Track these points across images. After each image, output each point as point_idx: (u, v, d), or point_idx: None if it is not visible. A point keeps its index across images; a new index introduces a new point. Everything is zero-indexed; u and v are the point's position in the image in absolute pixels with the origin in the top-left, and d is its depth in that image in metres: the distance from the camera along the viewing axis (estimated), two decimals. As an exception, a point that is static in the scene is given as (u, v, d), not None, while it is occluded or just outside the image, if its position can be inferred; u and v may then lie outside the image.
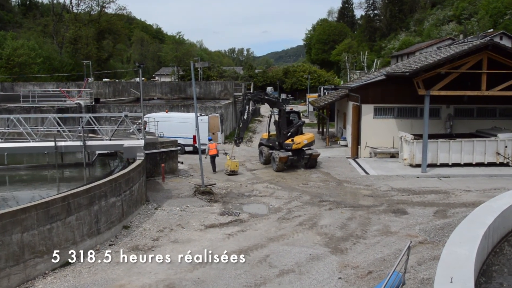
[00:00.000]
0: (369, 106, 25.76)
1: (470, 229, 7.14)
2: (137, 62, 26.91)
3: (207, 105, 35.57)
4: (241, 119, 22.11)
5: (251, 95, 22.49)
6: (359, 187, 19.43)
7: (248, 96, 22.39)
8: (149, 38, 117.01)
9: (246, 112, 21.96)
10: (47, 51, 64.10)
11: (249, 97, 22.35)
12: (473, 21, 68.28)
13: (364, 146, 25.94)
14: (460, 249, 6.35)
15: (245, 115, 21.97)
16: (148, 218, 14.73)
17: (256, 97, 22.67)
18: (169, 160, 21.09)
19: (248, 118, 22.07)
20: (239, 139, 22.27)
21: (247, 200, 17.40)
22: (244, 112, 22.01)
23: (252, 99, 22.54)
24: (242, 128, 22.13)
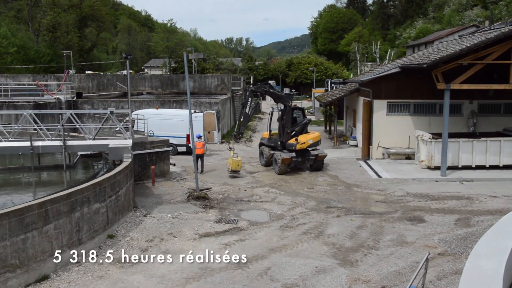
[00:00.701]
0: (381, 102, 25.73)
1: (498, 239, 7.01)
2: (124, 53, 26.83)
3: (202, 100, 35.54)
4: (242, 113, 22.12)
5: (255, 87, 22.57)
6: (370, 191, 19.39)
7: (251, 87, 22.43)
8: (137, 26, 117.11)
9: (249, 105, 21.98)
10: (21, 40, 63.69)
11: (253, 89, 22.41)
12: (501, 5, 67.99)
13: (376, 147, 25.90)
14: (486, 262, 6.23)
15: (247, 108, 22.02)
16: (136, 226, 14.68)
17: (261, 89, 22.70)
18: (159, 161, 21.07)
19: (250, 111, 22.15)
20: (239, 134, 22.26)
21: (246, 206, 17.36)
22: (246, 105, 22.05)
23: (256, 91, 22.57)
24: (243, 122, 22.19)
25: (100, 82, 43.45)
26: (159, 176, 21.00)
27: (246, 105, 22.03)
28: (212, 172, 23.37)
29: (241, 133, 22.51)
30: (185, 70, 18.25)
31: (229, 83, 42.35)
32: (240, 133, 22.36)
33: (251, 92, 22.29)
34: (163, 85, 43.13)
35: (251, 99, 22.10)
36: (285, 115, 23.14)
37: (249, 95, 22.17)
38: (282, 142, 23.23)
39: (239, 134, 22.33)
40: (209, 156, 28.10)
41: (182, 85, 42.42)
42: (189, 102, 18.64)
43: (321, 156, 23.21)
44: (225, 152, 29.57)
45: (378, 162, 25.03)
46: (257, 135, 36.52)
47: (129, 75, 27.50)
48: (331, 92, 37.86)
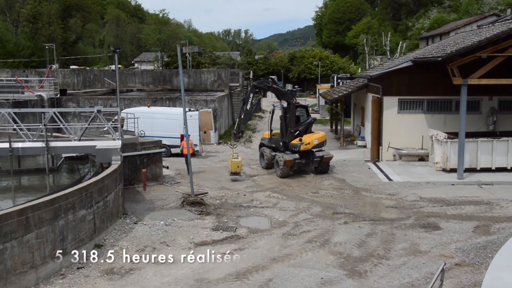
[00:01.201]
0: (392, 99, 25.72)
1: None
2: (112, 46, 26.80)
3: (197, 98, 35.53)
4: (243, 109, 22.10)
5: (257, 82, 22.61)
6: (380, 196, 19.37)
7: (253, 83, 22.45)
8: (126, 17, 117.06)
9: (250, 101, 21.98)
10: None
11: (255, 84, 22.42)
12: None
13: (386, 147, 25.88)
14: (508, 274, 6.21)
15: (249, 105, 22.03)
16: (125, 234, 14.65)
17: (263, 84, 22.71)
18: (151, 164, 21.05)
19: (251, 108, 22.18)
20: (239, 132, 22.23)
21: (246, 212, 17.33)
22: (247, 101, 22.04)
23: (258, 87, 22.56)
24: (243, 119, 22.19)
25: (86, 78, 43.45)
26: (151, 180, 20.97)
27: (247, 101, 22.03)
28: (209, 175, 23.36)
29: (242, 131, 22.50)
30: (179, 64, 18.22)
31: (226, 78, 42.35)
32: (240, 132, 22.35)
33: (252, 88, 22.29)
34: (155, 81, 43.16)
35: (252, 95, 22.10)
36: (288, 113, 23.14)
37: (250, 90, 22.18)
38: (285, 142, 23.22)
39: (239, 132, 22.31)
40: (205, 158, 28.09)
41: (175, 81, 42.44)
42: (183, 100, 18.61)
43: (327, 157, 23.21)
44: (223, 154, 29.56)
45: (388, 164, 25.00)
46: (257, 135, 36.52)
47: (117, 70, 27.44)
48: (337, 89, 37.85)
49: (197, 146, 28.31)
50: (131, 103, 34.59)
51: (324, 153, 23.30)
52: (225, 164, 26.15)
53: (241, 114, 22.27)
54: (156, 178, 21.25)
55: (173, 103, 34.81)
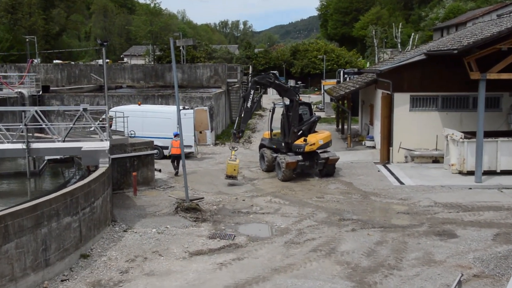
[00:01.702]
0: (404, 95, 25.75)
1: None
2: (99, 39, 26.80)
3: (192, 95, 35.53)
4: (243, 107, 22.11)
5: (258, 78, 22.62)
6: (391, 201, 19.37)
7: (254, 78, 22.43)
8: (114, 7, 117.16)
9: (251, 98, 21.98)
10: (-28, 22, 63.13)
11: (256, 80, 22.43)
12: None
13: (397, 148, 25.89)
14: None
15: (249, 102, 22.04)
16: (114, 243, 14.65)
17: (265, 80, 22.71)
18: (142, 167, 21.07)
19: (252, 106, 22.21)
20: (239, 132, 22.22)
21: (245, 218, 17.34)
22: (247, 98, 22.04)
23: (259, 82, 22.55)
24: (244, 118, 22.21)
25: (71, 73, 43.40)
26: (142, 184, 20.98)
27: (248, 98, 22.03)
28: (205, 179, 23.37)
29: (242, 131, 22.52)
30: (172, 59, 18.23)
31: (224, 74, 42.33)
32: (240, 131, 22.36)
33: (253, 84, 22.29)
34: (146, 77, 43.12)
35: (253, 91, 22.10)
36: (291, 112, 23.14)
37: (251, 87, 22.18)
38: (287, 143, 23.23)
39: (239, 132, 22.30)
40: (200, 161, 28.09)
41: (168, 76, 42.42)
42: (177, 97, 18.62)
43: (333, 159, 23.22)
44: (220, 156, 29.55)
45: (399, 167, 25.01)
46: (257, 135, 36.53)
47: (105, 65, 27.47)
48: (344, 84, 37.87)
49: (192, 148, 28.34)
50: (120, 101, 34.58)
51: (330, 154, 23.31)
52: (222, 166, 26.12)
53: (241, 113, 22.27)
54: (147, 182, 21.25)
55: (166, 101, 34.79)
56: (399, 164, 25.49)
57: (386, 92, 26.53)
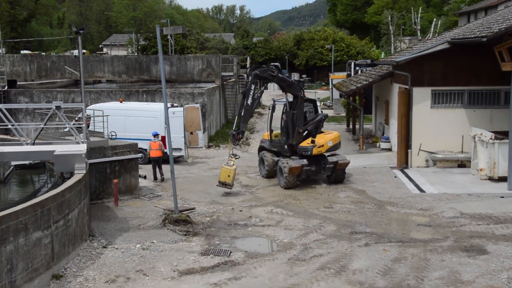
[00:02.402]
0: (424, 90, 25.77)
1: None
2: (75, 26, 26.77)
3: (182, 91, 35.54)
4: (243, 105, 22.00)
5: (259, 71, 22.45)
6: (410, 211, 19.35)
7: (255, 71, 22.30)
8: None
9: (251, 94, 21.90)
10: None
11: (257, 73, 22.29)
12: None
13: (417, 151, 25.88)
14: None
15: (249, 99, 21.94)
16: (92, 261, 14.59)
17: (267, 73, 22.61)
18: (125, 173, 21.04)
19: (253, 103, 22.13)
20: (239, 133, 22.06)
21: (242, 232, 17.30)
22: (248, 94, 21.94)
23: (261, 76, 22.44)
24: (244, 117, 22.10)
25: (42, 65, 43.35)
26: (125, 192, 20.95)
27: (248, 94, 21.93)
28: (196, 186, 23.35)
29: (242, 132, 22.33)
30: (159, 49, 18.20)
31: (218, 67, 42.33)
32: (240, 133, 22.17)
33: (254, 77, 22.18)
34: (128, 70, 43.11)
35: (254, 86, 22.02)
36: (295, 109, 23.09)
37: (251, 81, 22.08)
38: (291, 145, 23.20)
39: (239, 133, 22.12)
40: (191, 165, 28.06)
41: (154, 70, 42.41)
42: (164, 93, 18.57)
43: (342, 163, 23.19)
44: (213, 160, 29.53)
45: (419, 172, 24.99)
46: (256, 136, 36.54)
47: (81, 56, 27.45)
48: (355, 78, 37.88)
49: (182, 151, 28.32)
50: (99, 97, 34.55)
51: (339, 157, 23.28)
52: (216, 172, 26.06)
53: (241, 111, 22.15)
54: (130, 190, 21.21)
55: (152, 97, 34.79)
56: (419, 169, 25.47)
57: (403, 86, 26.51)
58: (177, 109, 28.42)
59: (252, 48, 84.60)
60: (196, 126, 29.77)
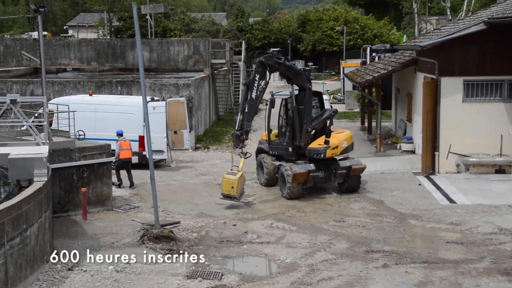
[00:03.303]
0: (455, 81, 25.77)
1: None
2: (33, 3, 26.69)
3: (164, 81, 35.47)
4: (246, 99, 21.78)
5: (265, 57, 22.15)
6: (437, 226, 19.35)
7: (260, 58, 22.06)
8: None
9: (256, 86, 21.75)
10: None
11: (262, 60, 22.01)
12: None
13: (446, 153, 25.85)
14: None
15: (254, 92, 21.73)
16: (55, 287, 14.52)
17: (272, 60, 22.34)
18: (95, 180, 20.99)
19: (258, 96, 21.90)
20: (243, 133, 21.72)
21: (237, 250, 17.28)
22: (252, 85, 21.74)
23: (266, 64, 22.22)
24: (248, 114, 21.79)
25: (-6, 51, 43.29)
26: (95, 203, 20.91)
27: (252, 86, 21.72)
28: (182, 196, 23.36)
29: (246, 132, 21.97)
30: (136, 32, 18.14)
31: (207, 53, 42.34)
32: (244, 133, 21.80)
33: (259, 66, 21.96)
34: (99, 57, 43.08)
35: (258, 76, 21.89)
36: (303, 104, 22.93)
37: (256, 70, 21.85)
38: (298, 146, 23.03)
39: (242, 134, 21.77)
40: (176, 171, 28.03)
41: (131, 56, 42.40)
42: (142, 84, 18.51)
43: (357, 168, 23.12)
44: (202, 164, 29.50)
45: (449, 179, 24.99)
46: (253, 136, 36.51)
47: (42, 40, 27.37)
48: (371, 66, 37.88)
49: (164, 153, 28.22)
50: (64, 89, 34.46)
51: (353, 162, 23.22)
52: (205, 179, 26.07)
53: (244, 106, 21.86)
54: (102, 201, 21.15)
55: (128, 89, 34.70)
56: (449, 175, 25.48)
57: (430, 76, 26.51)
58: (158, 103, 28.34)
59: (248, 31, 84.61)
60: (181, 124, 29.68)
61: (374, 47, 52.62)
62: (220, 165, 29.22)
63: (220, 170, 26.86)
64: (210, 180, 26.03)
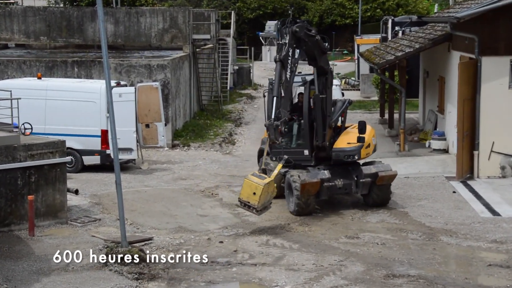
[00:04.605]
0: (500, 61, 25.94)
1: None
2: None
3: (133, 62, 35.42)
4: (281, 79, 21.37)
5: (298, 27, 21.93)
6: (477, 244, 19.38)
7: (294, 28, 21.84)
8: None
9: (290, 63, 21.68)
10: None
11: (296, 30, 21.88)
12: None
13: (487, 153, 25.88)
14: None
15: (288, 72, 21.62)
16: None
17: (303, 32, 22.13)
18: (46, 186, 20.95)
19: (292, 77, 21.81)
20: (281, 123, 21.16)
21: (224, 274, 17.28)
22: (286, 63, 21.68)
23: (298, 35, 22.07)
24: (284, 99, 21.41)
25: None
26: (46, 215, 20.87)
27: (287, 63, 21.72)
28: (155, 205, 23.40)
29: (285, 122, 21.20)
30: None
31: (187, 26, 42.26)
32: (283, 123, 21.28)
33: (292, 37, 21.79)
34: (51, 30, 42.97)
35: (292, 51, 21.84)
36: (326, 93, 22.79)
37: (289, 43, 21.80)
38: (321, 147, 22.78)
39: (279, 125, 21.15)
40: (148, 174, 28.04)
41: (91, 30, 42.30)
42: (105, 65, 18.47)
43: (386, 176, 22.51)
44: (180, 166, 29.52)
45: (492, 185, 25.09)
46: (244, 131, 36.61)
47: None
48: (393, 44, 37.89)
49: (132, 152, 28.15)
50: (5, 71, 34.44)
51: (379, 167, 22.71)
52: (184, 184, 26.05)
53: (280, 90, 21.58)
54: (54, 212, 21.10)
55: (88, 72, 34.68)
56: (491, 181, 25.60)
57: (468, 55, 26.58)
58: (125, 89, 28.32)
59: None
60: (154, 116, 29.66)
61: (397, 19, 52.66)
62: (203, 167, 29.25)
63: (203, 174, 26.85)
64: (191, 186, 26.09)
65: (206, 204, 23.62)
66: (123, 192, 18.89)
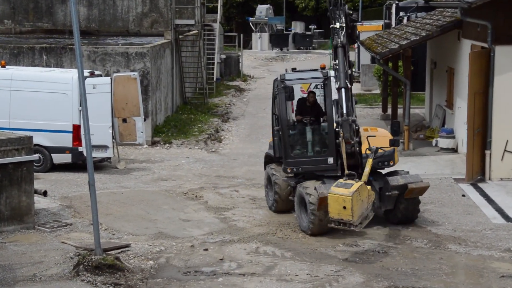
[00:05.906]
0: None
1: None
2: None
3: (108, 50, 35.39)
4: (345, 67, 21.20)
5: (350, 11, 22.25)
6: (488, 253, 19.42)
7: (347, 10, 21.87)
8: None
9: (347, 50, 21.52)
10: None
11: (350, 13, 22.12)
12: None
13: (501, 152, 25.98)
14: None
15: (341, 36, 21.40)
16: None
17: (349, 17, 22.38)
18: (10, 187, 20.91)
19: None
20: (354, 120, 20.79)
21: (209, 284, 17.27)
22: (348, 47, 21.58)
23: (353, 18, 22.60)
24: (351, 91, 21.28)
25: None
26: (10, 219, 20.84)
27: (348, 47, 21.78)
28: (133, 209, 23.47)
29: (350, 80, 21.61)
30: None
31: (169, 10, 42.25)
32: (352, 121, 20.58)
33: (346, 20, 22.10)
34: (15, 13, 42.91)
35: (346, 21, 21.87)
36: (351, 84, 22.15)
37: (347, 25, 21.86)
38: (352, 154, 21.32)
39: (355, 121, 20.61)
40: (125, 175, 28.02)
41: (61, 13, 42.26)
42: (77, 53, 18.48)
43: (416, 188, 21.25)
44: (161, 165, 29.53)
45: (505, 188, 25.21)
46: (232, 127, 36.64)
47: None
48: (397, 31, 37.96)
49: (108, 150, 28.14)
50: (-34, 59, 34.36)
51: (408, 178, 21.53)
52: (165, 185, 26.07)
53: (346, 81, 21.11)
54: (20, 216, 21.07)
55: (58, 60, 34.65)
56: (504, 183, 25.71)
57: (480, 44, 26.66)
58: (100, 79, 28.30)
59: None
60: (132, 110, 29.66)
61: (401, 3, 52.69)
62: (186, 166, 29.26)
63: (187, 174, 26.85)
64: (173, 188, 26.09)
65: (189, 207, 23.64)
66: (97, 194, 18.86)
